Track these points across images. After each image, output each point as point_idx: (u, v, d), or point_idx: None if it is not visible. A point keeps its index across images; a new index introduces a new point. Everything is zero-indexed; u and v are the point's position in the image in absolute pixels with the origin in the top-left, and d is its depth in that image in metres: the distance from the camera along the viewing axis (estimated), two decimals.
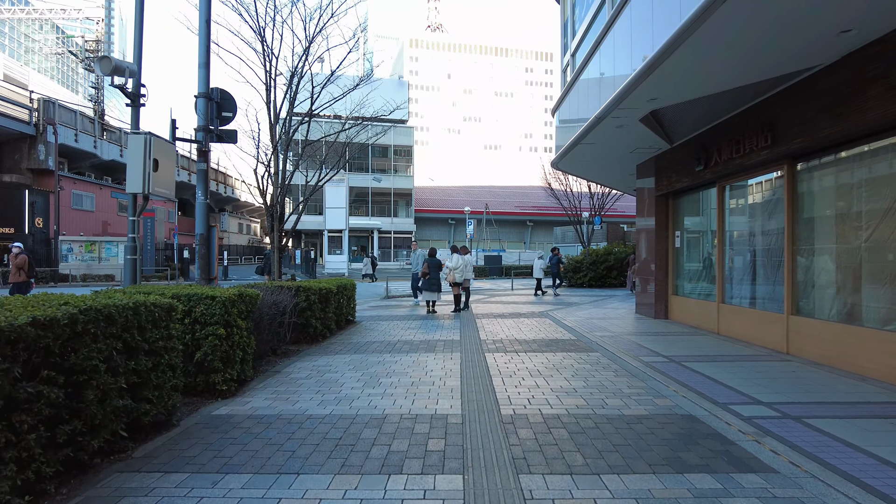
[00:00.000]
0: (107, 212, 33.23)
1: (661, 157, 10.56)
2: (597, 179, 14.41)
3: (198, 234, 7.53)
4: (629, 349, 7.31)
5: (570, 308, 13.05)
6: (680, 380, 5.48)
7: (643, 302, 11.56)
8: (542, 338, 8.31)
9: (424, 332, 9.00)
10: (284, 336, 7.10)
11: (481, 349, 7.29)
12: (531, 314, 11.70)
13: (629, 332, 9.12)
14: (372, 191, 46.44)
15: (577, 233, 34.96)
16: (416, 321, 10.64)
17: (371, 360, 6.56)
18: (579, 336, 8.49)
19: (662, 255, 10.84)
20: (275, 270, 9.09)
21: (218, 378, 4.74)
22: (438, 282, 12.18)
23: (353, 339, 8.42)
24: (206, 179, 7.58)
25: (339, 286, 9.22)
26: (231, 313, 4.89)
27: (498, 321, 10.46)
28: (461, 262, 12.24)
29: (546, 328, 9.42)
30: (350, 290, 10.22)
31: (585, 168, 12.73)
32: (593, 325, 9.78)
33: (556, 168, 12.44)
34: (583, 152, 10.74)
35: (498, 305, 13.86)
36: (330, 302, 8.55)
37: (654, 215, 10.99)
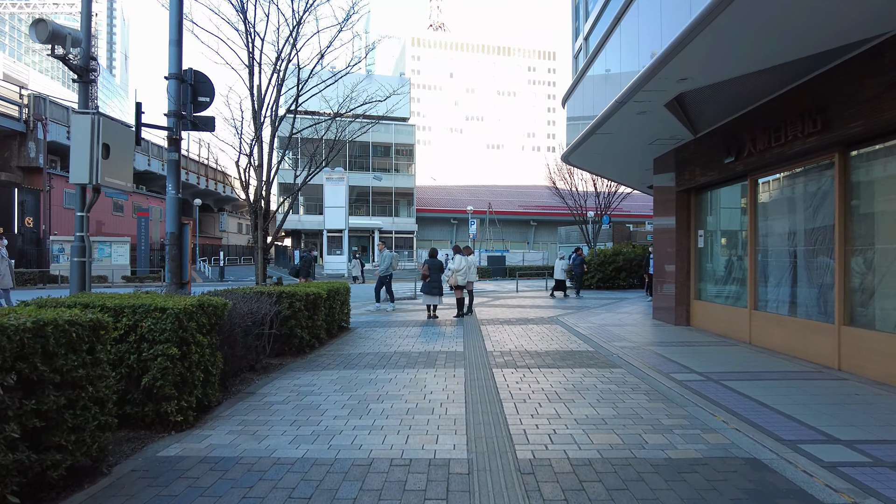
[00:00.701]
0: (101, 211, 32.43)
1: (683, 150, 9.68)
2: (608, 175, 13.56)
3: (168, 232, 6.68)
4: (656, 363, 6.44)
5: (581, 313, 12.18)
6: (726, 405, 4.60)
7: (661, 306, 10.68)
8: (556, 349, 7.44)
9: (424, 342, 8.14)
10: (264, 349, 6.25)
11: (488, 363, 6.43)
12: (540, 320, 10.82)
13: (651, 341, 8.25)
14: (373, 190, 45.63)
15: (583, 232, 34.16)
16: (416, 328, 9.78)
17: (362, 378, 5.70)
18: (597, 347, 7.61)
19: (683, 257, 9.96)
20: (258, 273, 8.25)
21: (171, 407, 3.89)
22: (440, 285, 11.32)
23: (345, 350, 7.56)
24: (177, 171, 6.74)
25: (330, 290, 8.37)
26: (188, 328, 4.04)
27: (505, 328, 9.59)
28: (464, 263, 11.38)
29: (558, 337, 8.55)
30: (343, 294, 9.37)
31: (598, 162, 11.86)
32: (610, 334, 8.91)
33: (566, 162, 11.59)
34: (597, 144, 9.87)
35: (503, 310, 12.99)
36: (319, 309, 7.70)
37: (673, 213, 10.11)
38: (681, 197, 10.01)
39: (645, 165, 11.80)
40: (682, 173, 9.80)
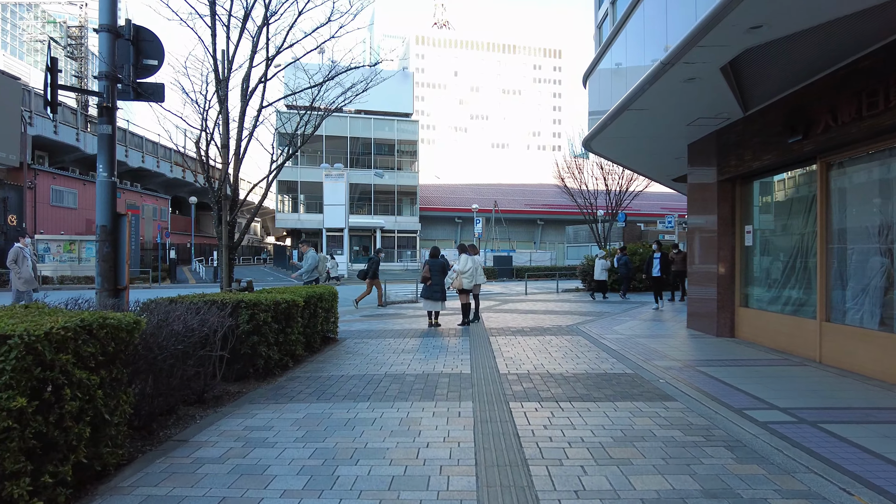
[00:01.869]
0: (92, 209, 31.18)
1: (728, 132, 8.25)
2: (631, 165, 12.13)
3: (99, 225, 5.32)
4: (717, 392, 5.01)
5: (602, 319, 10.75)
6: (854, 471, 3.18)
7: (698, 314, 9.25)
8: (585, 370, 6.02)
9: (423, 359, 6.74)
10: (214, 375, 4.87)
11: (503, 394, 5.01)
12: (558, 329, 9.40)
13: (696, 358, 6.81)
14: (375, 188, 44.29)
15: (593, 232, 32.72)
16: (414, 339, 8.38)
17: (336, 419, 4.30)
18: (634, 367, 6.19)
19: (727, 257, 8.52)
20: (223, 277, 6.88)
21: (18, 489, 2.50)
22: (442, 288, 9.91)
23: (325, 370, 6.17)
24: (111, 148, 5.38)
25: (310, 297, 6.99)
26: (56, 363, 2.66)
27: (518, 340, 8.18)
28: (471, 264, 9.97)
29: (584, 353, 7.13)
30: (329, 300, 7.98)
31: (622, 149, 10.43)
32: (644, 348, 7.48)
33: (586, 148, 10.19)
34: (624, 126, 8.44)
35: (514, 316, 11.57)
36: (294, 320, 6.31)
37: (714, 207, 8.68)
38: (723, 188, 8.57)
39: (675, 153, 10.36)
40: (725, 159, 8.36)
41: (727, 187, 8.56)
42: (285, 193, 44.41)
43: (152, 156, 38.57)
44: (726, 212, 8.56)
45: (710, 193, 8.84)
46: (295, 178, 43.04)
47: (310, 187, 41.99)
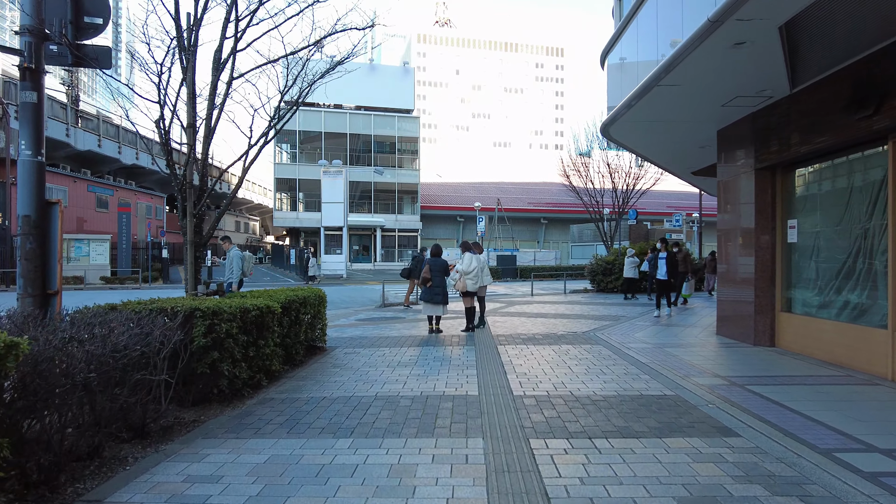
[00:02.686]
0: (83, 207, 30.32)
1: (768, 113, 7.25)
2: (649, 154, 11.10)
3: (21, 216, 4.33)
4: (788, 424, 4.01)
5: (620, 325, 9.75)
6: None
7: (730, 318, 8.25)
8: (617, 391, 5.02)
9: (421, 374, 5.75)
10: (158, 401, 3.88)
11: (520, 426, 4.02)
12: (573, 337, 8.40)
13: (742, 374, 5.81)
14: (375, 187, 43.31)
15: (599, 230, 31.75)
16: (413, 349, 7.39)
17: (306, 466, 3.30)
18: (673, 386, 5.19)
19: (765, 256, 7.52)
20: (188, 279, 5.89)
21: None
22: (444, 291, 8.91)
23: (304, 391, 5.18)
24: (36, 120, 4.41)
25: (289, 302, 6.00)
26: None
27: (531, 350, 7.18)
28: (475, 263, 8.98)
29: (610, 367, 6.13)
30: (315, 304, 6.99)
31: (643, 135, 9.41)
32: (677, 360, 6.49)
33: (604, 135, 9.19)
34: (651, 106, 7.44)
35: (522, 320, 10.57)
36: (269, 330, 5.32)
37: (751, 198, 7.68)
38: (761, 177, 7.57)
39: (702, 141, 9.36)
40: (765, 144, 7.36)
41: (766, 177, 7.55)
42: (284, 191, 43.46)
43: (147, 153, 37.59)
44: (765, 204, 7.55)
45: (746, 184, 7.84)
46: (293, 175, 42.12)
47: (309, 185, 41.03)
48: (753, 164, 7.64)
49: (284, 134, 42.12)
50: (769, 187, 7.52)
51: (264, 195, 61.21)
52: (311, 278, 25.02)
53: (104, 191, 32.10)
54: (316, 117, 42.04)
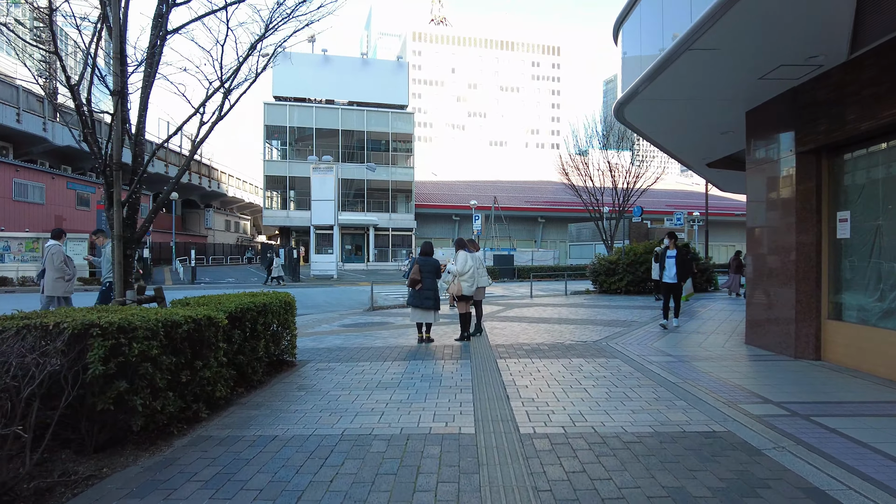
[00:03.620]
0: (61, 205, 29.02)
1: (815, 87, 6.18)
2: (664, 140, 9.96)
3: None
4: None
5: (633, 332, 8.67)
6: None
7: (762, 325, 7.18)
8: (652, 428, 3.92)
9: (404, 401, 4.64)
10: (28, 453, 2.75)
11: (534, 489, 2.92)
12: (583, 347, 7.30)
13: (798, 399, 4.72)
14: (368, 185, 42.14)
15: (599, 230, 30.78)
16: (397, 364, 6.28)
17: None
18: (720, 417, 4.10)
19: (808, 254, 6.45)
20: (116, 282, 4.74)
21: None
22: (436, 294, 7.79)
23: (252, 427, 4.05)
24: None
25: (244, 310, 4.89)
26: None
27: (536, 366, 6.08)
28: (471, 263, 7.88)
29: (636, 388, 5.04)
30: (280, 312, 5.87)
31: (661, 118, 8.32)
32: (712, 379, 5.40)
33: (618, 117, 8.11)
34: (676, 79, 6.37)
35: (523, 326, 9.48)
36: (210, 348, 4.20)
37: (790, 187, 6.62)
38: (804, 163, 6.50)
39: (724, 126, 8.31)
40: (809, 124, 6.29)
41: (809, 162, 6.48)
42: (274, 189, 42.22)
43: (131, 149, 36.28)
44: (807, 194, 6.48)
45: (783, 172, 6.77)
46: (284, 173, 40.91)
47: (300, 183, 39.82)
48: (793, 147, 6.57)
49: (274, 130, 40.97)
50: (813, 174, 6.45)
51: (256, 194, 59.92)
52: (275, 280, 23.80)
53: (85, 188, 30.80)
54: (307, 113, 40.84)
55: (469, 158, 72.67)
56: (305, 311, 13.31)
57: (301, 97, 41.13)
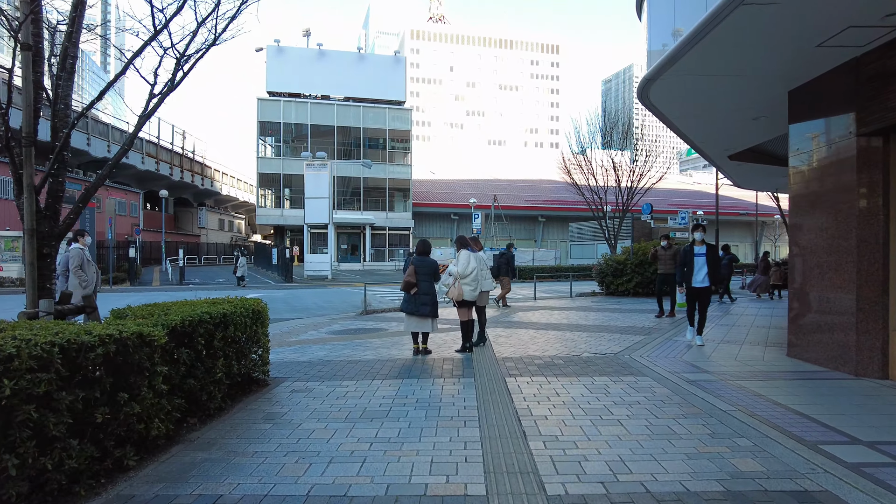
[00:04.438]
0: None
1: (884, 54, 5.22)
2: (689, 127, 8.86)
3: None
4: None
5: (655, 341, 7.70)
6: None
7: (809, 336, 6.22)
8: (722, 485, 2.93)
9: (393, 440, 3.66)
10: None
11: None
12: (605, 360, 6.33)
13: (891, 435, 3.76)
14: (365, 183, 41.12)
15: (602, 228, 29.84)
16: (388, 384, 5.29)
17: None
18: (805, 467, 3.13)
19: (871, 253, 5.49)
20: (28, 289, 3.73)
21: None
22: (433, 300, 6.80)
23: (188, 483, 3.04)
24: None
25: (191, 323, 3.91)
26: None
27: (553, 387, 5.10)
28: (474, 264, 6.90)
29: (680, 420, 4.06)
30: (247, 323, 4.88)
31: (690, 98, 7.31)
32: (770, 405, 4.43)
33: (641, 97, 7.10)
34: (718, 48, 5.41)
35: (531, 334, 8.51)
36: (141, 374, 3.21)
37: (850, 175, 5.65)
38: (866, 146, 5.54)
39: (757, 109, 7.37)
40: (876, 101, 5.33)
41: (873, 145, 5.52)
42: (267, 187, 41.18)
43: (120, 145, 35.26)
44: (872, 182, 5.51)
45: (839, 158, 5.81)
46: (277, 170, 39.89)
47: (294, 181, 38.81)
48: (853, 129, 5.61)
49: (268, 126, 39.94)
50: (879, 159, 5.49)
51: (250, 192, 58.82)
52: (240, 280, 22.75)
53: (71, 185, 29.69)
54: (302, 109, 39.81)
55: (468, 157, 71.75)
56: (293, 316, 12.33)
57: (295, 93, 40.10)
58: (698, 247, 7.52)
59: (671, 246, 10.72)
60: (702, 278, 7.41)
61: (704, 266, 7.40)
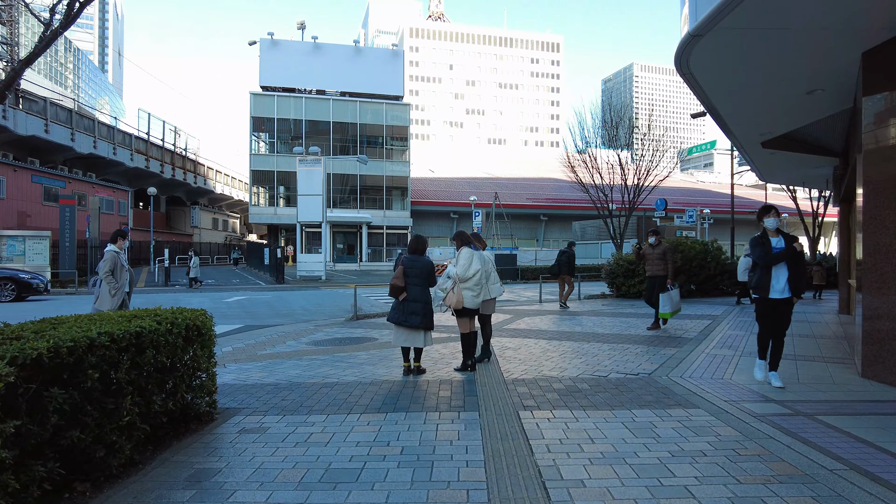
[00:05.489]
0: (26, 200, 26.72)
1: None
2: (726, 104, 7.48)
3: None
4: None
5: (689, 354, 6.49)
6: None
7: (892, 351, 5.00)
8: None
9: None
10: None
11: None
12: (637, 383, 5.11)
13: None
14: (362, 181, 39.89)
15: (608, 227, 28.63)
16: (367, 419, 4.07)
17: None
18: None
19: None
20: None
21: None
22: (427, 308, 5.57)
23: None
24: None
25: (83, 346, 2.69)
26: None
27: (583, 426, 3.88)
28: (478, 265, 5.68)
29: (769, 482, 2.84)
30: (175, 344, 3.66)
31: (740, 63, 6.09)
32: (887, 460, 3.22)
33: (679, 64, 5.84)
34: None
35: (543, 345, 7.29)
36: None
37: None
38: None
39: (818, 80, 6.15)
40: None
41: None
42: (260, 185, 39.92)
43: (107, 141, 33.99)
44: None
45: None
46: (271, 167, 38.64)
47: (288, 178, 37.57)
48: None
49: (262, 122, 38.70)
50: None
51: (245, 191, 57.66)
52: (193, 281, 21.40)
53: (53, 182, 28.49)
54: (296, 104, 38.57)
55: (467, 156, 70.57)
56: (275, 321, 11.11)
57: (290, 87, 38.85)
58: (773, 238, 5.10)
59: (660, 243, 8.90)
60: (783, 286, 4.99)
61: (784, 268, 5.00)
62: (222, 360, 6.60)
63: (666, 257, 8.60)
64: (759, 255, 5.08)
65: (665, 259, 8.60)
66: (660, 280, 8.62)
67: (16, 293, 15.77)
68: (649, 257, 8.89)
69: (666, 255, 8.61)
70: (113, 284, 6.60)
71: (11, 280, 15.73)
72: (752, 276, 5.23)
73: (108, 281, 6.57)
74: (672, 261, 8.58)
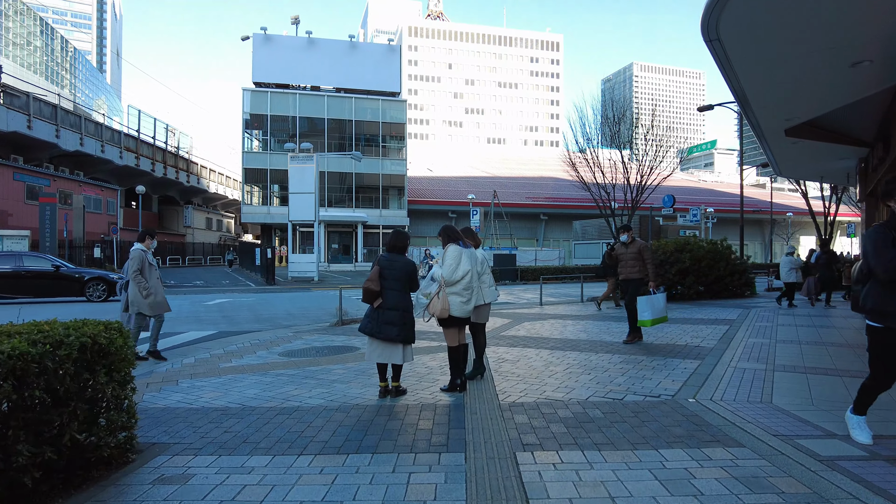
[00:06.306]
0: (7, 199, 25.80)
1: None
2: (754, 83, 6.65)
3: None
4: None
5: (715, 369, 5.59)
6: None
7: None
8: None
9: None
10: None
11: None
12: (660, 408, 4.21)
13: None
14: (357, 180, 38.97)
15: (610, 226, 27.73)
16: (325, 463, 3.16)
17: None
18: None
19: None
20: None
21: None
22: (406, 317, 4.66)
23: None
24: None
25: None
26: None
27: (600, 474, 2.97)
28: (468, 265, 4.78)
29: None
30: (80, 366, 2.75)
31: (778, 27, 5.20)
32: None
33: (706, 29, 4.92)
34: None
35: (544, 356, 6.39)
36: None
37: None
38: None
39: (863, 51, 5.25)
40: None
41: None
42: (253, 183, 39.01)
43: (95, 138, 33.06)
44: None
45: None
46: (264, 165, 37.72)
47: (282, 176, 36.67)
48: None
49: (255, 119, 37.80)
50: None
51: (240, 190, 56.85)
52: None
53: (36, 180, 27.57)
54: (290, 100, 37.66)
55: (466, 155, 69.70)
56: (253, 327, 10.19)
57: (284, 83, 37.95)
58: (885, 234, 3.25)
59: (633, 241, 7.54)
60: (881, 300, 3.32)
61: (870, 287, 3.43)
62: (176, 376, 5.72)
63: (642, 257, 7.28)
64: (890, 259, 3.09)
65: (641, 259, 7.32)
66: (634, 283, 7.35)
67: (107, 293, 14.72)
68: (622, 258, 7.58)
69: (642, 255, 7.29)
70: (143, 284, 6.46)
71: (102, 280, 14.75)
72: (863, 292, 3.36)
73: (136, 280, 6.43)
74: (651, 260, 7.21)
